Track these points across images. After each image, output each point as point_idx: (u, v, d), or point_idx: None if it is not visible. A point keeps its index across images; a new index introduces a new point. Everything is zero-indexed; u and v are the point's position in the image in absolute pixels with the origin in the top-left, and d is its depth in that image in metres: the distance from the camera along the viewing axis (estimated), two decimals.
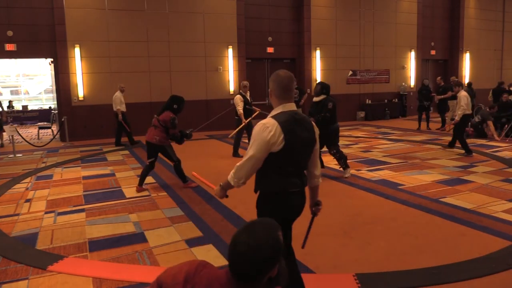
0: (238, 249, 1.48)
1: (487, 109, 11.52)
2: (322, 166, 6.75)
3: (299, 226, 2.83)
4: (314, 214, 2.78)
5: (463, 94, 8.41)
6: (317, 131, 2.62)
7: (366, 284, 3.23)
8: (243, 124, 8.54)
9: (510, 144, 9.68)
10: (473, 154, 8.42)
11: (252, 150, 2.40)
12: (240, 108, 8.46)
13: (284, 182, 2.45)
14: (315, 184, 2.70)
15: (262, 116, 11.58)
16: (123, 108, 10.72)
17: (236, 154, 8.74)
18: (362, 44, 16.14)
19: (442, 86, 12.64)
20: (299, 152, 2.47)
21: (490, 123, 10.73)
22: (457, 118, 8.42)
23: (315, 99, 6.60)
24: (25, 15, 11.41)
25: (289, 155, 2.42)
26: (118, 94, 10.81)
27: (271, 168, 2.44)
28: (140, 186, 6.25)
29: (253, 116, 8.78)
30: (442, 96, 12.32)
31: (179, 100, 6.23)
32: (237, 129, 8.69)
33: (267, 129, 2.37)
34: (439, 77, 13.40)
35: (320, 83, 6.76)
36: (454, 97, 12.72)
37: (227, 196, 2.69)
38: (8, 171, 7.88)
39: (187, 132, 6.41)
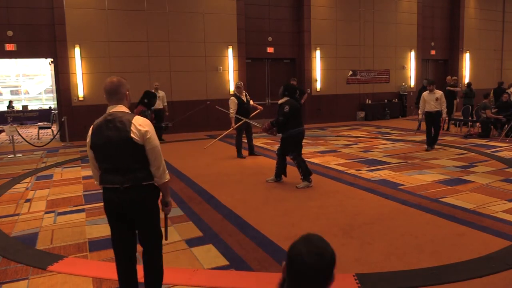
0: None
1: (484, 100, 11.81)
2: (285, 174, 6.45)
3: (300, 226, 2.83)
4: (165, 213, 2.95)
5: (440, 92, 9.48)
6: (136, 130, 2.55)
7: (366, 284, 3.23)
8: (230, 129, 8.67)
9: (510, 144, 9.68)
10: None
11: None
12: (232, 111, 8.44)
13: (102, 178, 2.65)
14: (157, 183, 2.70)
15: (264, 115, 11.43)
16: (158, 105, 9.65)
17: (240, 155, 8.73)
18: (362, 44, 16.13)
19: (451, 85, 12.68)
20: (108, 150, 2.59)
21: (488, 111, 10.99)
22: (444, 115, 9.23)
23: (279, 101, 6.40)
24: (25, 15, 11.40)
25: (99, 153, 2.63)
26: None
27: (97, 166, 2.71)
28: None
29: (253, 114, 8.77)
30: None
31: (150, 95, 6.95)
32: (225, 133, 9.25)
33: (89, 131, 2.68)
34: (453, 77, 13.43)
35: (284, 84, 6.53)
36: (455, 97, 12.81)
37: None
38: (8, 171, 7.88)
39: (163, 125, 6.93)
